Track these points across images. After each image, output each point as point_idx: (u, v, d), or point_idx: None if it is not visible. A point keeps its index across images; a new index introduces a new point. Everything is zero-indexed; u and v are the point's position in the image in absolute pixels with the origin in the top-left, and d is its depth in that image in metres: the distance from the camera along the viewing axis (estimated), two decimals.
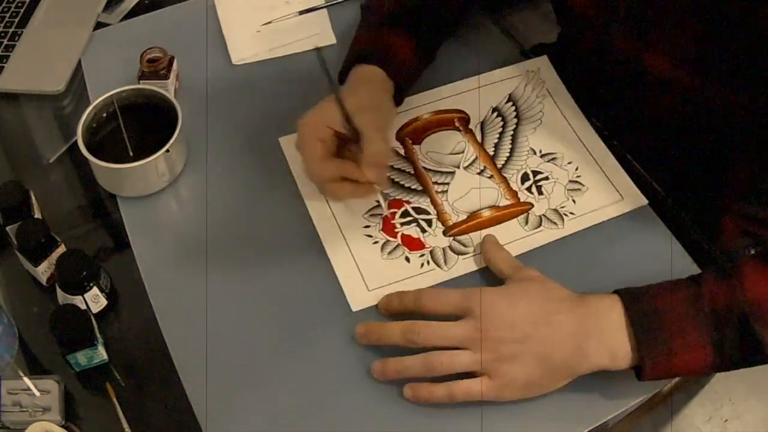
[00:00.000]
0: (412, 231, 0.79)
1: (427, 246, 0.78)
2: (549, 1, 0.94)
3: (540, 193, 0.81)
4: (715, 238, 0.82)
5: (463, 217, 0.80)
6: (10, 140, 0.93)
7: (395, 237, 0.78)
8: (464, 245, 0.78)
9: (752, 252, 0.77)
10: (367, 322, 0.71)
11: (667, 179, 0.82)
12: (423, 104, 0.89)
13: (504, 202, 0.81)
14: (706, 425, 1.37)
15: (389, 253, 0.77)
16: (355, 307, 0.73)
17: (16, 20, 1.00)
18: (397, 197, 0.81)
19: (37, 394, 0.68)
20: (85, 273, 0.72)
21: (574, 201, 0.80)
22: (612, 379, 0.68)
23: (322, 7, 0.99)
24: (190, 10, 1.00)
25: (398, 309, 0.71)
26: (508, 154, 0.84)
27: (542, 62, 0.93)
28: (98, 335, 0.71)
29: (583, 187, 0.82)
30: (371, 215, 0.80)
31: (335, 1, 1.00)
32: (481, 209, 0.80)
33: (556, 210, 0.80)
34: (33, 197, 0.80)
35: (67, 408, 0.69)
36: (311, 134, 0.76)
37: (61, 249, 0.76)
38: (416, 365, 0.67)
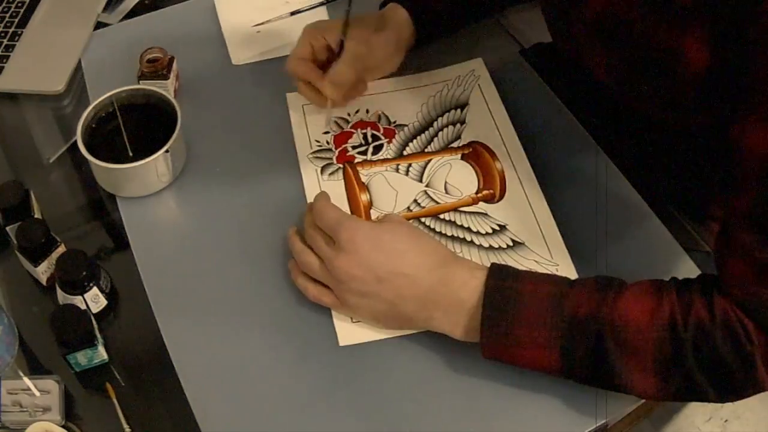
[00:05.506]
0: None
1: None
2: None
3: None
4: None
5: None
6: (10, 140, 0.93)
7: None
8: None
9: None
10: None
11: (663, 182, 0.82)
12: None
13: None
14: (706, 425, 1.37)
15: None
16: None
17: (16, 20, 1.00)
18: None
19: (37, 394, 0.68)
20: (85, 273, 0.72)
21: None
22: None
23: (315, 6, 0.99)
24: (189, 10, 1.00)
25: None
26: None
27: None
28: (98, 335, 0.71)
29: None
30: None
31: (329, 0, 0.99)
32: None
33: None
34: (33, 197, 0.80)
35: (67, 408, 0.69)
36: (307, 36, 0.82)
37: (61, 249, 0.76)
38: (299, 260, 0.72)
